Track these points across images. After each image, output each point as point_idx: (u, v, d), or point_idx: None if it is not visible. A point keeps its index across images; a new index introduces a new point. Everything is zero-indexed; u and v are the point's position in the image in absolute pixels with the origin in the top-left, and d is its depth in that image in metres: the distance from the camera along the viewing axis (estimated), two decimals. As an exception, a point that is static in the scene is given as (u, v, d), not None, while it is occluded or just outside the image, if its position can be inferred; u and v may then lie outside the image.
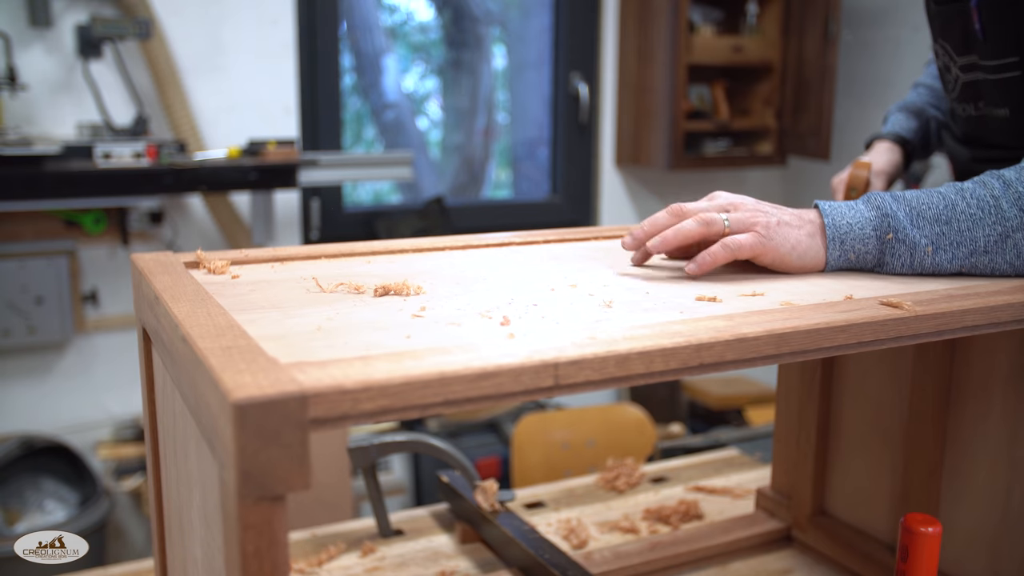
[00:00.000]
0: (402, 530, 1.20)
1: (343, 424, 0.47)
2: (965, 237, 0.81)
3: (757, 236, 0.79)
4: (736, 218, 0.80)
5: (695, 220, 0.80)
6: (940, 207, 0.81)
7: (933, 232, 0.81)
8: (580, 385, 0.54)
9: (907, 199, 0.82)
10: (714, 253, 0.78)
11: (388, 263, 0.86)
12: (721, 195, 0.85)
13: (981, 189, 0.81)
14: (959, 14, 1.03)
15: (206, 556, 0.59)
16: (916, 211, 0.81)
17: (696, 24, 3.07)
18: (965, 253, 0.81)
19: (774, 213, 0.82)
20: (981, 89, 1.03)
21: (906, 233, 0.80)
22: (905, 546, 0.84)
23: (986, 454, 0.98)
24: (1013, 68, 0.98)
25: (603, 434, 2.36)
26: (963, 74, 1.05)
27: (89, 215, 2.45)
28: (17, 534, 2.16)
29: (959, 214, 0.81)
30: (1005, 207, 0.80)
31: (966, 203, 0.81)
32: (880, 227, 0.81)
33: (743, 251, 0.79)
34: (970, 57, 1.03)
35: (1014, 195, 0.80)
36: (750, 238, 0.79)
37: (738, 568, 1.13)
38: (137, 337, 0.79)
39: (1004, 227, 0.80)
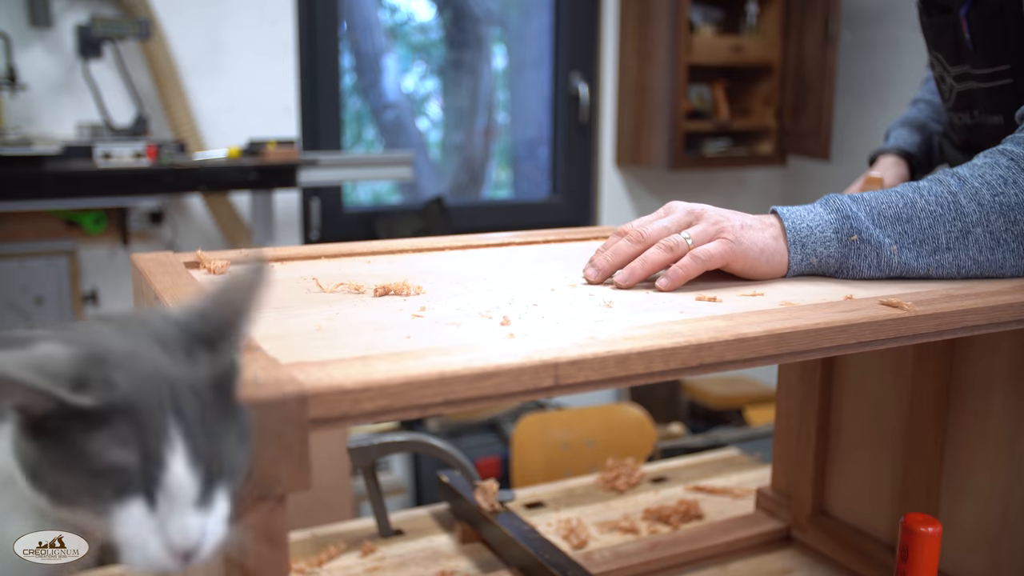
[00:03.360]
0: (402, 530, 1.20)
1: (343, 424, 0.47)
2: (927, 235, 0.80)
3: (726, 243, 0.78)
4: (699, 231, 0.79)
5: (659, 248, 0.77)
6: (900, 206, 0.80)
7: (896, 231, 0.80)
8: (580, 385, 0.54)
9: (865, 199, 0.81)
10: (686, 267, 0.76)
11: (388, 263, 0.86)
12: (677, 206, 0.83)
13: (937, 186, 0.81)
14: (950, 25, 1.03)
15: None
16: (876, 211, 0.80)
17: (696, 24, 3.07)
18: (929, 251, 0.80)
19: (736, 219, 0.80)
20: (975, 98, 1.04)
21: (870, 233, 0.80)
22: (905, 546, 0.84)
23: (986, 454, 0.98)
24: (1004, 76, 0.98)
25: (603, 434, 2.36)
26: (957, 84, 1.06)
27: (89, 215, 2.45)
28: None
29: (919, 211, 0.80)
30: (963, 202, 0.80)
31: (924, 201, 0.80)
32: (841, 229, 0.80)
33: (714, 260, 0.77)
34: (963, 67, 1.04)
35: (971, 191, 0.80)
36: (719, 246, 0.77)
37: (738, 568, 1.13)
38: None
39: (964, 223, 0.80)
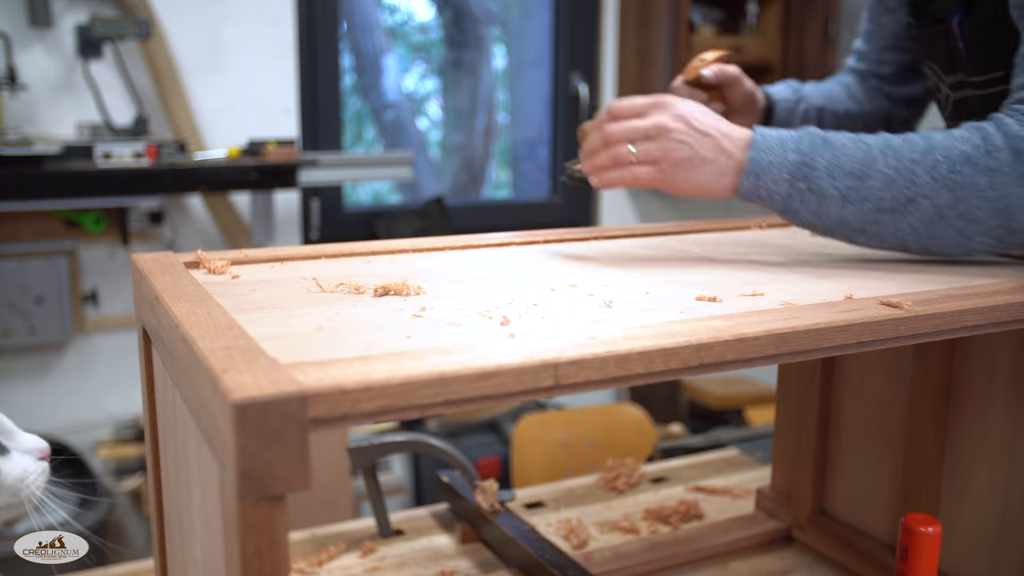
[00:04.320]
0: (402, 530, 1.20)
1: (343, 424, 0.47)
2: (874, 194, 0.83)
3: (656, 172, 0.86)
4: (646, 150, 0.86)
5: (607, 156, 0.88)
6: (861, 161, 0.83)
7: (846, 185, 0.83)
8: (580, 385, 0.54)
9: (834, 146, 0.85)
10: (612, 179, 0.88)
11: (388, 263, 0.86)
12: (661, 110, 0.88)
13: (906, 148, 0.83)
14: (943, 35, 1.04)
15: (206, 556, 0.59)
16: (837, 162, 0.84)
17: (696, 24, 3.07)
18: (871, 208, 0.83)
19: (695, 146, 0.86)
20: (971, 106, 1.04)
21: (819, 183, 0.84)
22: (905, 546, 0.84)
23: (986, 454, 0.98)
24: (1000, 83, 0.99)
25: (603, 434, 2.36)
26: (953, 92, 1.06)
27: (89, 215, 2.45)
28: (17, 534, 2.16)
29: (875, 172, 0.83)
30: (919, 173, 0.82)
31: (885, 162, 0.83)
32: (796, 173, 0.84)
33: (639, 183, 0.87)
34: (957, 76, 1.04)
35: (931, 162, 0.82)
36: (647, 172, 0.86)
37: (738, 568, 1.13)
38: (137, 337, 0.79)
39: (913, 191, 0.82)
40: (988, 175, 0.81)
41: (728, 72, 1.08)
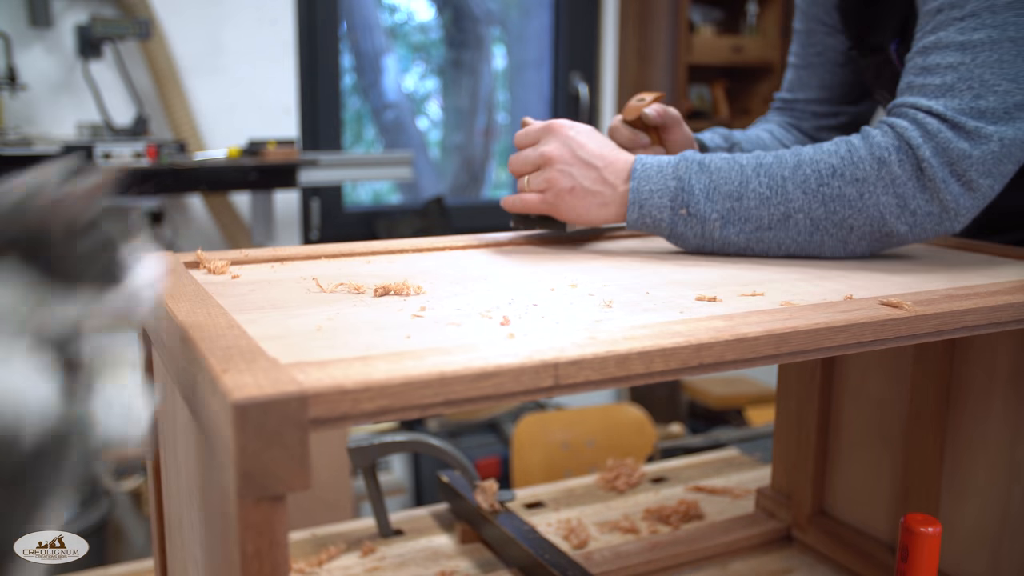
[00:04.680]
0: (402, 530, 1.20)
1: (343, 424, 0.47)
2: (752, 214, 0.87)
3: (542, 201, 0.92)
4: (537, 179, 0.93)
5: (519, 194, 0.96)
6: (736, 183, 0.87)
7: (724, 207, 0.87)
8: (580, 385, 0.54)
9: (710, 170, 0.88)
10: (511, 204, 0.95)
11: (388, 263, 0.86)
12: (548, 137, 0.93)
13: (777, 166, 0.87)
14: (885, 62, 1.05)
15: (206, 556, 0.59)
16: (714, 185, 0.88)
17: (696, 24, 3.07)
18: (751, 228, 0.88)
19: (577, 176, 0.91)
20: None
21: (699, 207, 0.88)
22: (905, 546, 0.84)
23: (986, 454, 0.98)
24: None
25: (603, 434, 2.36)
26: None
27: (89, 215, 2.45)
28: (17, 534, 2.16)
29: (750, 192, 0.87)
30: (790, 188, 0.86)
31: (758, 181, 0.87)
32: (676, 199, 0.88)
33: (531, 209, 0.94)
34: None
35: (800, 177, 0.86)
36: (536, 201, 0.93)
37: (738, 568, 1.13)
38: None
39: (787, 207, 0.86)
40: (855, 185, 0.85)
41: (670, 114, 1.07)
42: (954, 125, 0.83)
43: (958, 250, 0.97)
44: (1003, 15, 0.84)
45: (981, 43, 0.84)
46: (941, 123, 0.83)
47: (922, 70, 0.87)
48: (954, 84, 0.84)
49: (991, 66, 0.84)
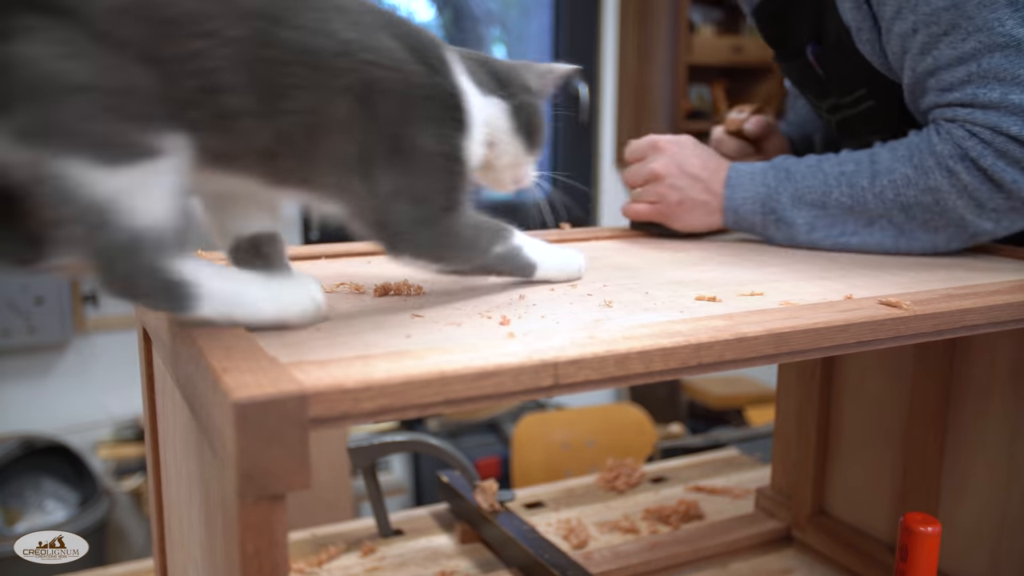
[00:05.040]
0: (402, 530, 1.20)
1: (343, 423, 0.47)
2: (837, 220, 0.92)
3: (655, 212, 1.01)
4: (646, 191, 1.01)
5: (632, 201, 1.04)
6: (819, 192, 0.92)
7: (810, 215, 0.93)
8: (580, 385, 0.54)
9: (795, 179, 0.94)
10: (626, 210, 1.04)
11: (388, 263, 0.86)
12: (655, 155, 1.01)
13: (856, 175, 0.91)
14: (804, 66, 1.07)
15: (206, 556, 0.59)
16: (799, 194, 0.93)
17: (696, 24, 3.07)
18: (837, 233, 0.93)
19: (685, 189, 0.99)
20: (853, 124, 1.08)
21: (787, 214, 0.94)
22: (905, 546, 0.84)
23: (986, 454, 0.98)
24: (867, 98, 1.03)
25: (603, 434, 2.36)
26: (832, 116, 1.10)
27: (89, 215, 2.45)
28: (17, 534, 2.17)
29: (832, 201, 0.92)
30: (870, 199, 0.90)
31: (840, 191, 0.91)
32: (766, 206, 0.95)
33: (644, 218, 1.02)
34: (830, 99, 1.08)
35: (879, 188, 0.90)
36: (649, 211, 1.01)
37: (738, 568, 1.13)
38: (137, 337, 0.79)
39: (869, 215, 0.91)
40: (931, 193, 0.88)
41: (766, 123, 1.14)
42: (1004, 131, 0.84)
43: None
44: (979, 19, 0.85)
45: (977, 51, 0.85)
46: (993, 132, 0.85)
47: (948, 85, 0.88)
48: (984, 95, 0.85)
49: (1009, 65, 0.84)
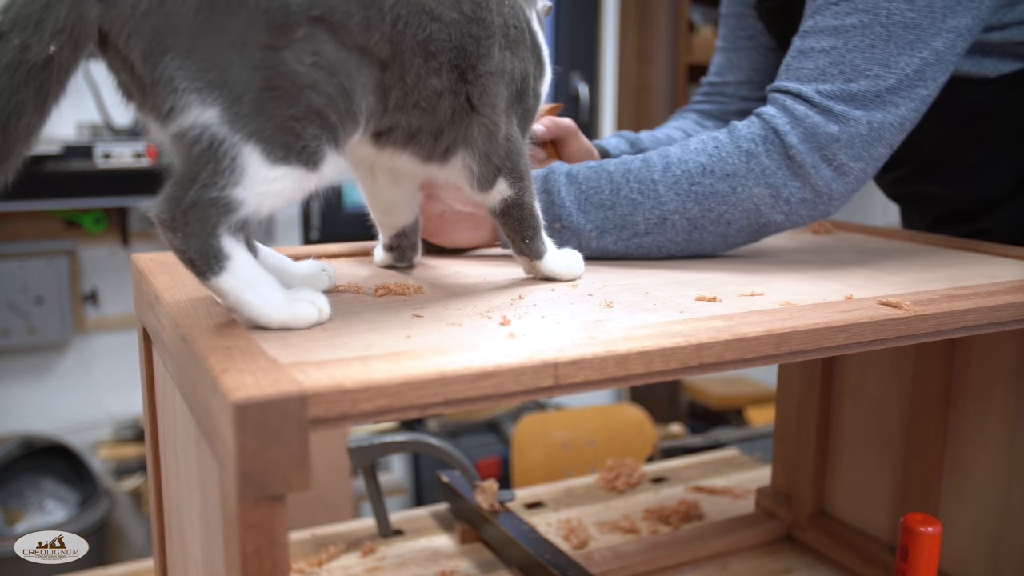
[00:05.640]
0: (402, 530, 1.20)
1: (343, 424, 0.47)
2: (627, 221, 0.85)
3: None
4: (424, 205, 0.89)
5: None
6: (607, 192, 0.85)
7: (599, 217, 0.85)
8: (580, 385, 0.54)
9: (580, 181, 0.86)
10: None
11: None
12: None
13: (646, 170, 0.85)
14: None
15: (206, 556, 0.59)
16: (585, 195, 0.85)
17: (696, 24, 3.07)
18: (628, 235, 0.86)
19: (447, 199, 0.88)
20: None
21: (572, 220, 0.85)
22: (905, 546, 0.84)
23: (986, 453, 0.98)
24: None
25: (603, 434, 2.36)
26: None
27: (89, 215, 2.45)
28: (17, 534, 2.17)
29: (622, 199, 0.85)
30: (662, 191, 0.84)
31: (629, 187, 0.85)
32: (547, 213, 0.84)
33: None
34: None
35: (671, 179, 0.85)
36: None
37: (738, 568, 1.13)
38: (137, 337, 0.79)
39: (662, 211, 0.85)
40: (727, 181, 0.84)
41: (561, 126, 1.03)
42: (823, 109, 0.83)
43: (958, 250, 0.97)
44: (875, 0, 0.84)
45: (853, 27, 0.84)
46: (809, 108, 0.83)
47: (798, 53, 0.87)
48: (826, 68, 0.84)
49: (863, 50, 0.84)
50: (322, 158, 0.57)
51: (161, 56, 0.52)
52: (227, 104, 0.53)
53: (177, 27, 0.51)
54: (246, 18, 0.53)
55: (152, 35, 0.51)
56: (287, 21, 0.54)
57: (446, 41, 0.63)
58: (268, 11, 0.53)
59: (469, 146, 0.70)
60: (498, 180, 0.72)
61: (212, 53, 0.52)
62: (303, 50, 0.55)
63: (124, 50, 0.52)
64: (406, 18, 0.60)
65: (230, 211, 0.54)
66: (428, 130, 0.66)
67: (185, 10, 0.51)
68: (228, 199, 0.54)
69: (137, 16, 0.51)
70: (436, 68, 0.63)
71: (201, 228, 0.54)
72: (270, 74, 0.54)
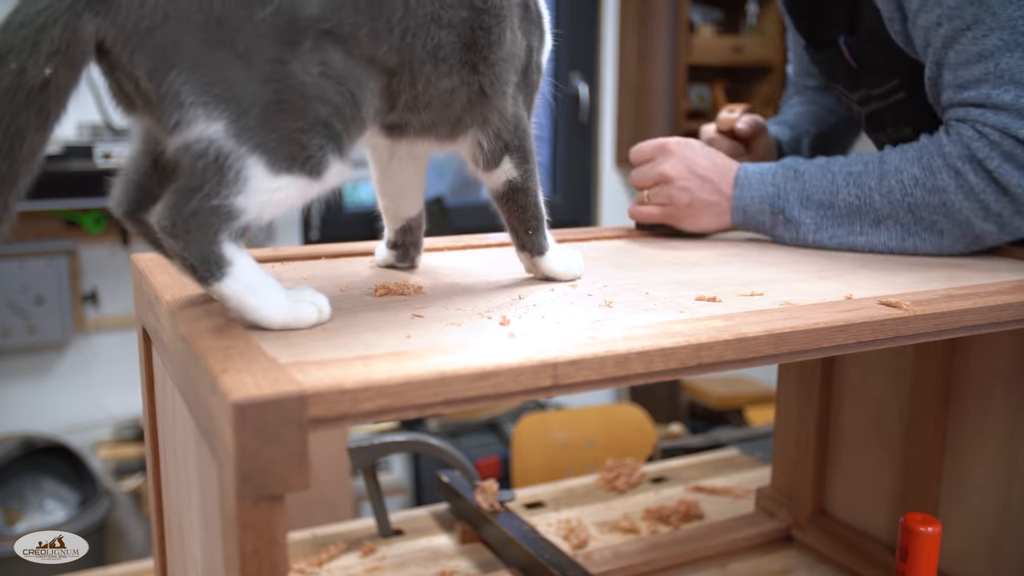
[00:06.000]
0: (402, 530, 1.20)
1: (343, 424, 0.47)
2: (844, 221, 0.93)
3: (664, 214, 1.01)
4: (655, 193, 1.01)
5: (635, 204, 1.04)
6: (827, 192, 0.93)
7: (818, 215, 0.94)
8: (579, 385, 0.54)
9: (804, 178, 0.94)
10: (633, 213, 1.04)
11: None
12: (665, 156, 1.00)
13: (865, 175, 0.92)
14: (836, 56, 1.07)
15: (206, 556, 0.59)
16: (807, 193, 0.94)
17: (696, 24, 3.07)
18: (844, 233, 0.93)
19: (695, 191, 0.98)
20: (882, 118, 1.08)
21: (794, 213, 0.94)
22: (905, 546, 0.84)
23: (986, 454, 0.98)
24: (898, 91, 1.03)
25: (603, 434, 2.36)
26: (862, 108, 1.10)
27: (89, 215, 2.45)
28: (17, 534, 2.17)
29: (840, 201, 0.92)
30: (877, 199, 0.91)
31: (848, 191, 0.92)
32: (775, 206, 0.95)
33: (653, 220, 1.02)
34: (860, 91, 1.08)
35: (886, 188, 0.90)
36: (657, 213, 1.01)
37: (738, 568, 1.13)
38: (137, 337, 0.79)
39: (876, 215, 0.91)
40: (938, 195, 0.88)
41: (757, 123, 1.14)
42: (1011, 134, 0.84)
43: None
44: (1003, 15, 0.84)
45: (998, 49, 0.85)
46: (1002, 135, 0.85)
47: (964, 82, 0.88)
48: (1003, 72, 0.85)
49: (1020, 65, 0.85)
50: (326, 167, 0.57)
51: (167, 71, 0.52)
52: (234, 117, 0.53)
53: (183, 43, 0.51)
54: (254, 33, 0.53)
55: (157, 51, 0.51)
56: (296, 35, 0.54)
57: (456, 43, 0.63)
58: (276, 26, 0.53)
59: (481, 126, 0.70)
60: (504, 159, 0.73)
61: (219, 67, 0.52)
62: (311, 61, 0.55)
63: (128, 66, 0.52)
64: (415, 29, 0.60)
65: (232, 219, 0.54)
66: (443, 121, 0.67)
67: (191, 26, 0.51)
68: (230, 207, 0.54)
69: (141, 32, 0.51)
70: (447, 71, 0.63)
71: (203, 235, 0.54)
72: (278, 87, 0.54)
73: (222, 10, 0.52)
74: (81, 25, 0.50)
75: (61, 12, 0.50)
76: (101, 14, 0.51)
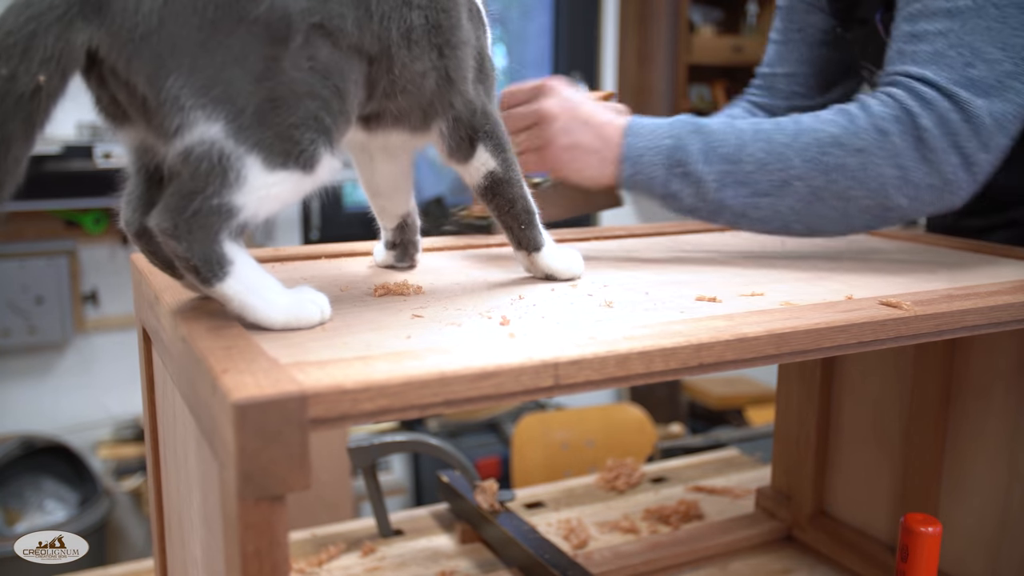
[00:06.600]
0: (402, 530, 1.20)
1: (343, 424, 0.47)
2: (750, 178, 0.85)
3: (539, 159, 0.89)
4: (530, 138, 0.89)
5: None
6: (733, 146, 0.85)
7: (720, 170, 0.85)
8: (580, 385, 0.54)
9: (707, 132, 0.86)
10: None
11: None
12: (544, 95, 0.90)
13: (776, 132, 0.85)
14: (870, 33, 1.05)
15: (206, 556, 0.59)
16: (711, 146, 0.85)
17: (696, 24, 3.07)
18: (748, 192, 0.85)
19: (576, 133, 0.88)
20: None
21: (695, 167, 0.85)
22: (905, 546, 0.84)
23: (986, 454, 0.98)
24: None
25: (603, 434, 2.36)
26: None
27: (89, 215, 2.45)
28: (17, 534, 2.17)
29: (747, 156, 0.84)
30: (790, 155, 0.84)
31: (756, 146, 0.84)
32: (671, 158, 0.86)
33: (526, 168, 0.86)
34: None
35: (801, 144, 0.84)
36: (530, 159, 0.89)
37: (738, 568, 1.13)
38: (137, 337, 0.79)
39: (787, 174, 0.84)
40: (857, 156, 0.82)
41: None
42: (949, 95, 0.82)
43: (958, 250, 0.97)
44: None
45: (967, 9, 0.83)
46: (937, 92, 0.82)
47: (911, 37, 0.86)
48: (944, 51, 0.83)
49: (979, 32, 0.82)
50: (318, 161, 0.58)
51: (166, 77, 0.52)
52: (231, 117, 0.53)
53: (179, 47, 0.52)
54: (248, 33, 0.53)
55: (154, 57, 0.52)
56: (288, 31, 0.54)
57: (424, 25, 0.64)
58: (269, 24, 0.54)
59: (448, 111, 0.70)
60: (478, 147, 0.73)
61: (215, 69, 0.53)
62: (300, 56, 0.55)
63: (125, 74, 0.53)
64: (389, 13, 0.61)
65: (231, 217, 0.55)
66: (415, 108, 0.68)
67: (187, 31, 0.52)
68: (229, 205, 0.55)
69: (136, 39, 0.51)
70: (419, 54, 0.64)
71: (204, 235, 0.54)
72: (272, 85, 0.54)
73: (217, 11, 0.52)
74: (73, 34, 0.50)
75: (53, 20, 0.50)
76: (94, 23, 0.51)
